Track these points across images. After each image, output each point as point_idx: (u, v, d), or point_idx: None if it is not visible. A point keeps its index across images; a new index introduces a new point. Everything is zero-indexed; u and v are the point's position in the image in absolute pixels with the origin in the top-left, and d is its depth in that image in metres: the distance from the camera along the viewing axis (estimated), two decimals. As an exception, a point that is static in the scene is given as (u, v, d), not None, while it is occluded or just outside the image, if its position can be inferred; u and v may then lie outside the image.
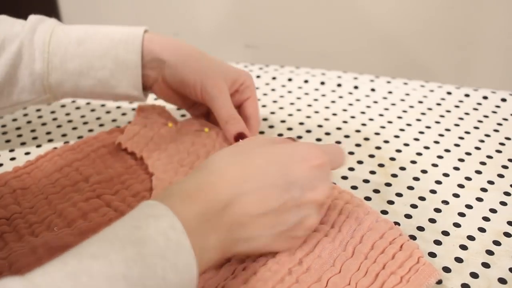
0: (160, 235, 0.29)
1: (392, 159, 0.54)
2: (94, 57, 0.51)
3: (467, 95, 0.67)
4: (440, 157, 0.55)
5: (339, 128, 0.60)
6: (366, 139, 0.58)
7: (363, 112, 0.63)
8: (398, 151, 0.56)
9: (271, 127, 0.60)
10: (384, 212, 0.47)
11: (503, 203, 0.48)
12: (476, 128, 0.60)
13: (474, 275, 0.41)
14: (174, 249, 0.29)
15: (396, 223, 0.45)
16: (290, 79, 0.71)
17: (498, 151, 0.56)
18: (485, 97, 0.66)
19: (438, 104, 0.65)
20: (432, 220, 0.46)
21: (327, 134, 0.59)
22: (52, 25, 0.52)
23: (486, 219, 0.46)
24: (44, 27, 0.51)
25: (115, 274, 0.27)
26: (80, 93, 0.53)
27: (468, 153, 0.55)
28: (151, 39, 0.52)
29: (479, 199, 0.48)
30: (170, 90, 0.52)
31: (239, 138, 0.49)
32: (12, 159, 0.55)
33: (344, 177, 0.51)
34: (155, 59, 0.51)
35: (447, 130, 0.60)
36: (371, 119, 0.62)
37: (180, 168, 0.49)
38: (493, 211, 0.47)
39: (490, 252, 0.43)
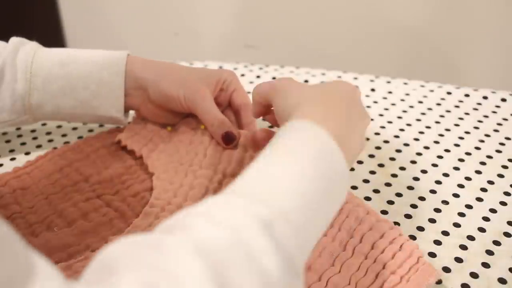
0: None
1: (392, 159, 0.54)
2: (77, 78, 0.51)
3: (467, 95, 0.67)
4: (440, 157, 0.55)
5: (339, 128, 0.60)
6: (366, 139, 0.58)
7: (363, 112, 0.63)
8: (398, 151, 0.56)
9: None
10: (384, 212, 0.47)
11: (503, 203, 0.48)
12: (476, 128, 0.60)
13: (474, 275, 0.41)
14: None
15: (396, 223, 0.45)
16: (290, 79, 0.71)
17: (498, 151, 0.56)
18: (485, 97, 0.66)
19: (438, 104, 0.65)
20: (432, 220, 0.46)
21: (327, 134, 0.58)
22: (34, 47, 0.52)
23: (486, 219, 0.46)
24: (26, 48, 0.52)
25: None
26: (61, 114, 0.53)
27: (468, 153, 0.55)
28: (132, 61, 0.53)
29: (479, 199, 0.48)
30: (157, 108, 0.53)
31: (227, 138, 0.49)
32: (12, 159, 0.55)
33: (344, 177, 0.51)
34: (136, 79, 0.52)
35: (447, 130, 0.60)
36: (371, 119, 0.62)
37: (179, 167, 0.49)
38: (493, 211, 0.47)
39: (490, 252, 0.43)
